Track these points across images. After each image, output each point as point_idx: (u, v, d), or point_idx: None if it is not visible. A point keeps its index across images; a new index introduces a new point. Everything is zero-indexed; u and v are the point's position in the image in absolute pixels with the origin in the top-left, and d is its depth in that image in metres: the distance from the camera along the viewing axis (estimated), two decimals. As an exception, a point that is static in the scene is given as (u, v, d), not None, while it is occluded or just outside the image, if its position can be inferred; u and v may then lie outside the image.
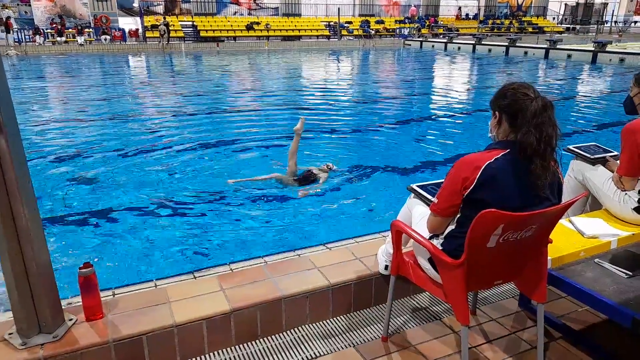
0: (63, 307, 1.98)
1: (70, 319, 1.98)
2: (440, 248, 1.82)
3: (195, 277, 2.45)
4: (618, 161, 2.67)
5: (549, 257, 2.01)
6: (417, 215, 2.12)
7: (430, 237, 1.91)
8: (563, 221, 2.45)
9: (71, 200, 4.60)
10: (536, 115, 1.65)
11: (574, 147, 2.93)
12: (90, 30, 26.03)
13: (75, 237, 3.86)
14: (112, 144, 6.71)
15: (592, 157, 2.82)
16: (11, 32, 23.28)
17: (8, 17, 23.78)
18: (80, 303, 2.02)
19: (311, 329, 2.29)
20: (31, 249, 1.78)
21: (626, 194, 2.54)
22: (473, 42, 24.32)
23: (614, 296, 1.86)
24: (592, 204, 2.93)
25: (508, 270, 1.90)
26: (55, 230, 3.95)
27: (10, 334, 1.89)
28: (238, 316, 2.12)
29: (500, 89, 1.78)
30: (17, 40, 23.65)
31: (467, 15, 37.18)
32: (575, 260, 2.17)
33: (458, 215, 1.80)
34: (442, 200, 1.79)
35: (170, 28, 25.60)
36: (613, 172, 2.67)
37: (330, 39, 29.98)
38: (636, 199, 2.50)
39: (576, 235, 2.35)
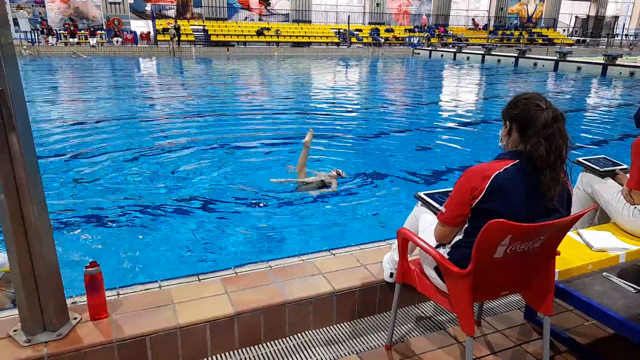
0: (68, 306, 1.99)
1: (75, 318, 1.99)
2: (447, 257, 1.81)
3: (200, 280, 2.45)
4: (628, 174, 2.65)
5: (556, 270, 2.00)
6: (424, 223, 2.11)
7: (437, 246, 1.90)
8: (571, 234, 2.43)
9: (79, 200, 4.63)
10: (546, 126, 1.64)
11: (583, 160, 2.91)
12: (103, 32, 26.33)
13: (82, 237, 3.88)
14: (121, 144, 6.76)
15: (601, 169, 2.80)
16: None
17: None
18: (85, 302, 2.03)
19: (314, 335, 2.28)
20: (39, 247, 1.79)
21: (635, 207, 2.52)
22: (482, 52, 24.29)
23: (622, 311, 1.84)
24: (600, 217, 2.91)
25: (515, 281, 1.88)
26: (63, 229, 3.98)
27: (15, 330, 1.90)
28: (242, 320, 2.12)
29: (513, 98, 1.78)
30: (30, 40, 23.98)
31: (477, 25, 37.22)
32: (583, 273, 2.15)
33: (466, 225, 1.79)
34: (450, 210, 1.79)
35: (180, 32, 25.82)
36: (622, 185, 2.65)
37: (340, 46, 30.09)
38: (646, 213, 2.47)
39: (584, 248, 2.33)
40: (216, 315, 2.08)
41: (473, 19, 36.03)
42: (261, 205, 4.55)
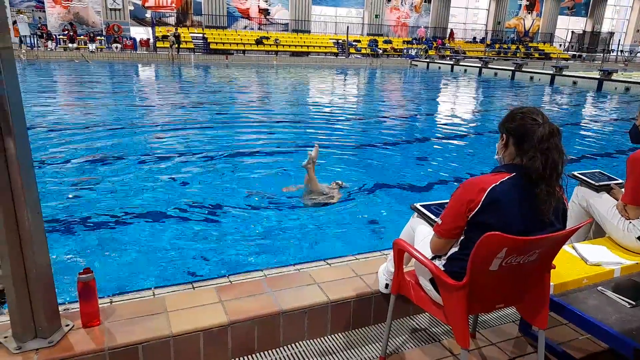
0: (60, 313, 1.97)
1: (67, 325, 1.97)
2: (443, 269, 1.81)
3: (194, 288, 2.44)
4: (623, 189, 2.66)
5: (551, 283, 2.00)
6: (420, 235, 2.11)
7: (433, 258, 1.90)
8: (566, 247, 2.44)
9: (74, 206, 4.60)
10: (542, 141, 1.65)
11: (578, 174, 2.92)
12: (102, 38, 26.41)
13: (75, 243, 3.85)
14: (116, 151, 6.74)
15: (596, 184, 2.82)
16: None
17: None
18: (78, 309, 2.01)
19: (308, 346, 2.26)
20: (32, 252, 1.77)
21: (630, 222, 2.53)
22: (479, 65, 24.50)
23: (616, 325, 1.84)
24: (595, 231, 2.92)
25: (510, 294, 1.88)
26: (56, 234, 3.95)
27: (5, 337, 1.87)
28: (235, 329, 2.11)
29: (510, 112, 1.80)
30: (29, 45, 24.01)
31: (474, 38, 37.60)
32: (578, 287, 2.15)
33: (461, 237, 1.79)
34: (447, 222, 1.79)
35: (180, 39, 25.93)
36: (618, 200, 2.66)
37: (338, 57, 30.29)
38: (640, 228, 2.48)
39: (579, 262, 2.33)
40: (210, 324, 2.06)
41: (451, 30, 36.16)
42: (257, 214, 4.53)
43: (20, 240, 1.75)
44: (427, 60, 29.26)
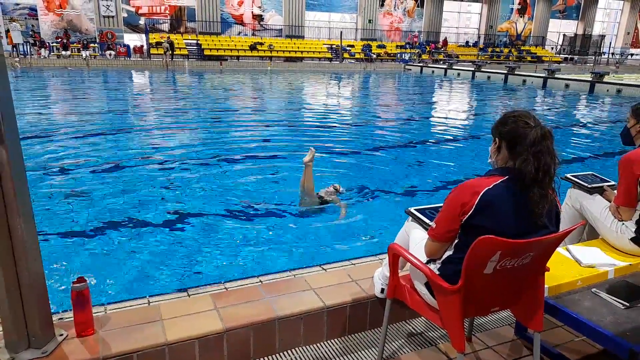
0: (54, 322, 1.96)
1: (61, 334, 1.95)
2: (438, 273, 1.81)
3: (189, 295, 2.43)
4: (615, 191, 2.68)
5: (545, 286, 2.00)
6: (414, 239, 2.11)
7: (428, 262, 1.91)
8: (560, 249, 2.45)
9: (67, 214, 4.57)
10: (535, 144, 1.66)
11: (571, 176, 2.94)
12: (96, 45, 26.37)
13: (69, 252, 3.82)
14: (110, 158, 6.71)
15: (589, 186, 2.83)
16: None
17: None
18: (72, 318, 1.99)
19: (305, 352, 2.26)
20: (25, 261, 1.76)
21: (623, 224, 2.54)
22: (472, 68, 24.65)
23: (611, 327, 1.85)
24: (589, 232, 2.93)
25: (505, 297, 1.89)
26: (49, 243, 3.92)
27: (-2, 347, 1.85)
28: (231, 336, 2.10)
29: (502, 116, 1.81)
30: (22, 52, 23.94)
31: (467, 42, 37.86)
32: (572, 289, 2.16)
33: (456, 241, 1.80)
34: (440, 225, 1.79)
35: (174, 46, 25.92)
36: (610, 201, 2.68)
37: (332, 62, 30.39)
38: (633, 229, 2.50)
39: (573, 264, 2.34)
40: (205, 332, 2.05)
41: (445, 38, 36.37)
42: (252, 219, 4.53)
43: (12, 248, 1.73)
44: (421, 64, 29.41)
